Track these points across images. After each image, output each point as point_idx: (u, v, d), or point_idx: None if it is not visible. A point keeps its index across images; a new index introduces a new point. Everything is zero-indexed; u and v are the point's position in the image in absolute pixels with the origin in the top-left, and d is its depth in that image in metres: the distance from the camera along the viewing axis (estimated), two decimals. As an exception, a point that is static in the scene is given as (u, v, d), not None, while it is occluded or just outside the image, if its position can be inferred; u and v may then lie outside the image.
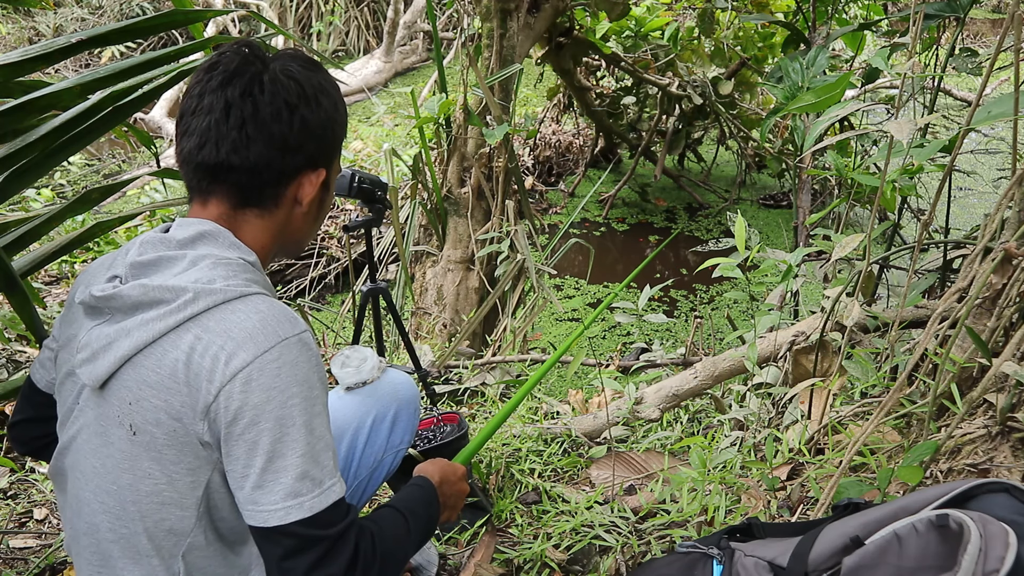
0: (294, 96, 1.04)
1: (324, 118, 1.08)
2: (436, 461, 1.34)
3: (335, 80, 1.12)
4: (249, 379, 0.94)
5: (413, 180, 3.71)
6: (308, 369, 0.98)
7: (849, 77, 1.96)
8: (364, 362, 1.45)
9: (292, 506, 0.94)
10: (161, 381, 0.96)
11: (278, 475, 0.94)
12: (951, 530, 1.04)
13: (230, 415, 0.94)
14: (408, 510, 1.14)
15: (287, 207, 1.10)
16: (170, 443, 0.97)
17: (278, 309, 1.00)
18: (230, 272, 1.00)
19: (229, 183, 1.05)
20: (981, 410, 1.68)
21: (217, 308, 0.97)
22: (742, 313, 4.52)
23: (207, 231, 1.04)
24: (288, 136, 1.04)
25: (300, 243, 1.18)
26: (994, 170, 6.14)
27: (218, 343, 0.95)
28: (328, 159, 1.12)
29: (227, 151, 1.02)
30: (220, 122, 1.02)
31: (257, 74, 1.03)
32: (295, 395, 0.96)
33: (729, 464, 1.90)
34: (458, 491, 1.33)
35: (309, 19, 10.22)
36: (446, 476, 1.30)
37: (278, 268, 4.99)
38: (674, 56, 5.45)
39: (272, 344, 0.95)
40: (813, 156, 3.70)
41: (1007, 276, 1.60)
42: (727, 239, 2.55)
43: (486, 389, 2.80)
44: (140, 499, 1.00)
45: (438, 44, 3.77)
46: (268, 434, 0.94)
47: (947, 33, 3.51)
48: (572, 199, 6.24)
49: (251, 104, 1.02)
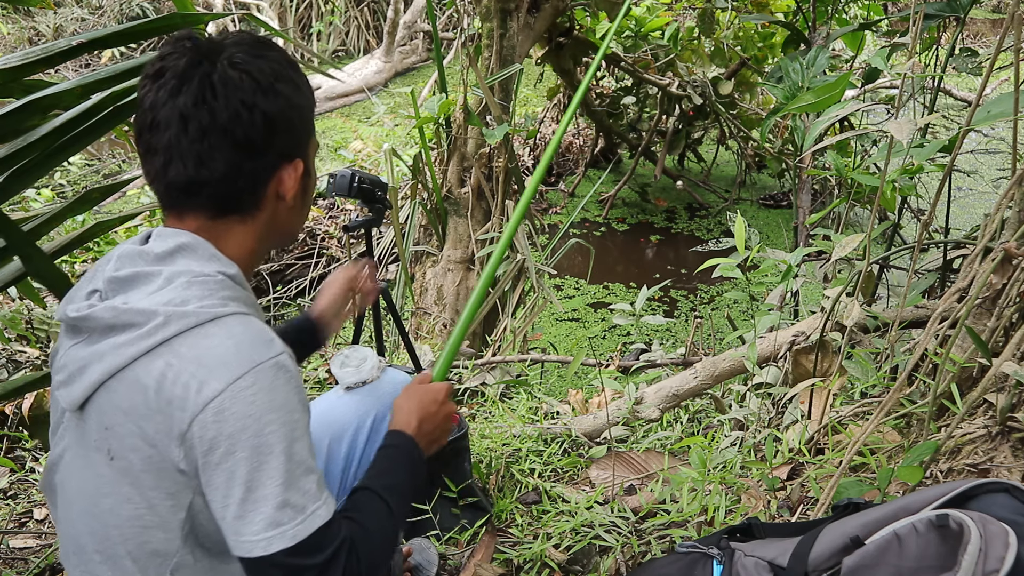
0: (249, 92, 0.98)
1: (286, 106, 1.02)
2: (412, 392, 1.24)
3: (290, 57, 1.06)
4: (222, 408, 0.91)
5: (413, 180, 3.71)
6: (286, 393, 0.95)
7: (849, 77, 1.96)
8: (364, 362, 1.44)
9: (274, 536, 0.92)
10: (134, 407, 0.93)
11: (258, 505, 0.92)
12: (951, 530, 1.04)
13: (205, 445, 0.91)
14: (387, 488, 1.09)
15: (270, 207, 1.06)
16: (147, 469, 0.95)
17: (253, 331, 0.96)
18: (205, 291, 0.97)
19: (204, 197, 1.01)
20: (981, 410, 1.68)
21: (189, 332, 0.93)
22: (742, 313, 4.52)
23: (186, 243, 1.00)
24: (253, 136, 0.99)
25: (291, 234, 1.15)
26: (994, 170, 6.14)
27: (189, 370, 0.92)
28: (302, 147, 1.08)
29: (194, 166, 0.98)
30: (179, 136, 0.97)
31: (206, 75, 0.97)
32: (272, 422, 0.92)
33: (729, 464, 1.90)
34: (443, 418, 1.23)
35: (309, 19, 10.22)
36: (426, 411, 1.21)
37: (278, 268, 4.99)
38: (674, 56, 5.45)
39: (245, 370, 0.92)
40: (813, 156, 3.70)
41: (1007, 276, 1.60)
42: (727, 239, 2.55)
43: (486, 389, 2.80)
44: (121, 523, 0.97)
45: (438, 44, 3.77)
46: (245, 464, 0.91)
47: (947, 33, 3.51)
48: (572, 199, 6.24)
49: (207, 112, 0.96)
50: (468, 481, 1.82)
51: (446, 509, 1.81)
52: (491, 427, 2.28)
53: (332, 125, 7.85)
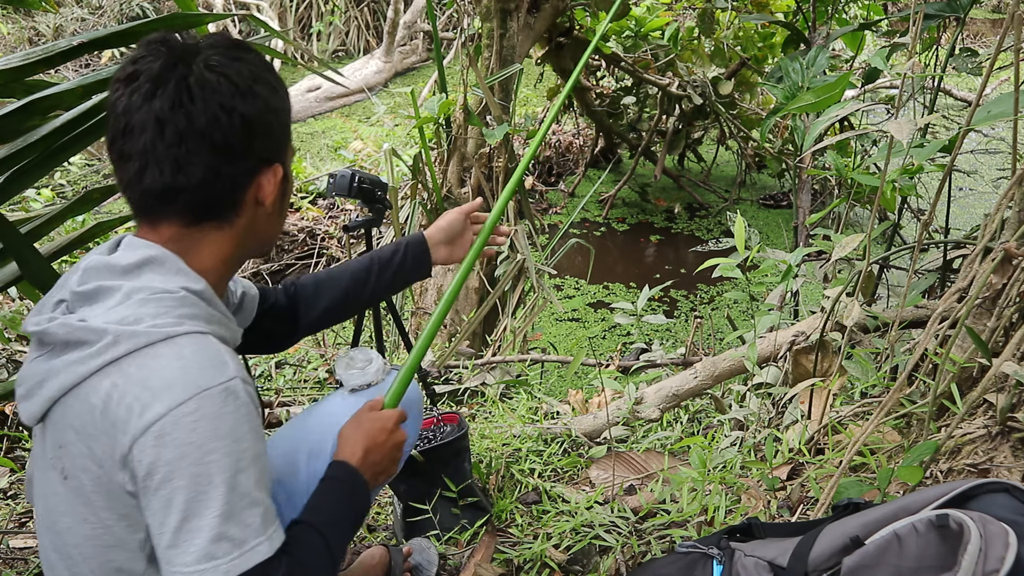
0: (227, 95, 0.96)
1: (265, 109, 1.00)
2: (361, 420, 1.19)
3: (266, 60, 1.03)
4: (162, 433, 0.88)
5: (413, 180, 3.71)
6: (233, 422, 0.91)
7: (849, 77, 1.96)
8: (369, 364, 1.44)
9: (207, 569, 0.88)
10: (84, 427, 0.91)
11: (192, 535, 0.88)
12: (951, 530, 1.04)
13: (143, 469, 0.89)
14: (326, 523, 1.06)
15: (249, 212, 1.03)
16: (97, 490, 0.93)
17: (205, 354, 0.93)
18: (161, 308, 0.93)
19: (180, 204, 0.98)
20: (981, 410, 1.68)
21: (138, 352, 0.91)
22: (742, 313, 4.52)
23: (153, 257, 0.97)
24: (232, 140, 0.97)
25: (269, 242, 1.13)
26: (994, 170, 6.14)
27: (134, 392, 0.89)
28: (281, 151, 1.05)
29: (171, 172, 0.95)
30: (155, 141, 0.94)
31: (182, 78, 0.94)
32: (214, 451, 0.89)
33: (729, 464, 1.90)
34: (391, 448, 1.19)
35: (309, 19, 10.22)
36: (373, 441, 1.16)
37: (278, 268, 4.99)
38: (674, 56, 5.45)
39: (189, 395, 0.89)
40: (813, 156, 3.70)
41: (1007, 276, 1.60)
42: (727, 239, 2.55)
43: (486, 389, 2.80)
44: (81, 543, 0.96)
45: (438, 44, 3.77)
46: (183, 492, 0.88)
47: (947, 33, 3.51)
48: (572, 199, 6.24)
49: (184, 115, 0.94)
50: (468, 481, 1.82)
51: (446, 509, 1.81)
52: (491, 427, 2.28)
53: (332, 125, 7.85)
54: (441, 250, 1.47)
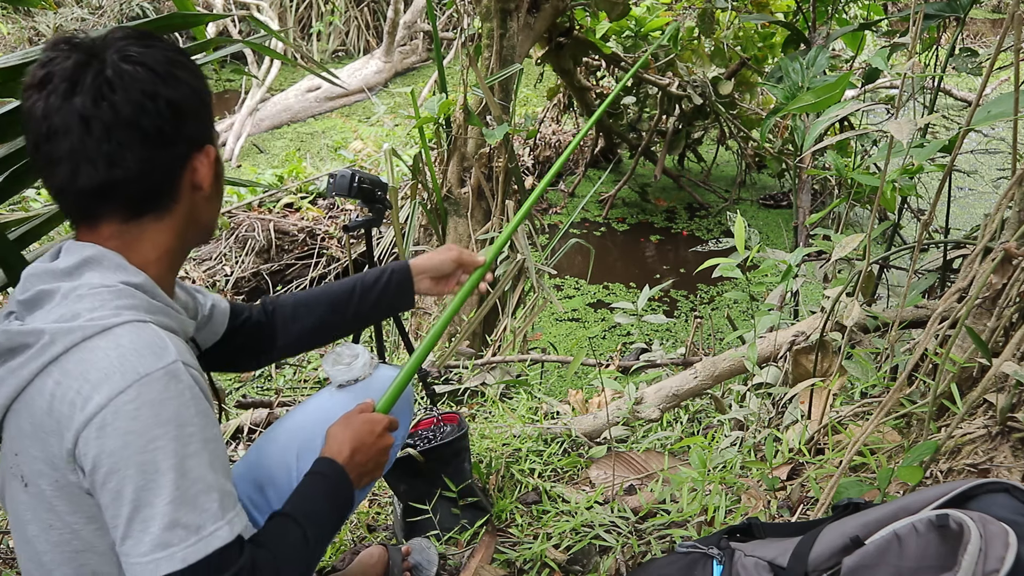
0: (148, 82, 0.94)
1: (189, 92, 0.98)
2: (351, 420, 1.19)
3: (177, 45, 1.02)
4: (104, 424, 0.86)
5: (413, 180, 3.71)
6: (176, 406, 0.89)
7: (849, 77, 1.96)
8: (356, 359, 1.43)
9: (161, 558, 0.87)
10: (34, 431, 0.90)
11: (145, 524, 0.87)
12: (951, 530, 1.04)
13: (89, 463, 0.88)
14: (306, 515, 1.05)
15: (187, 199, 1.02)
16: (59, 494, 0.92)
17: (143, 340, 0.91)
18: (97, 302, 0.92)
19: (118, 199, 0.96)
20: (981, 410, 1.68)
21: (76, 348, 0.89)
22: (742, 313, 4.52)
23: (91, 256, 0.96)
24: (162, 126, 0.95)
25: (210, 227, 1.10)
26: (994, 170, 6.14)
27: (75, 387, 0.88)
28: (209, 133, 1.03)
29: (105, 167, 0.93)
30: (83, 139, 0.92)
31: (99, 72, 0.92)
32: (159, 437, 0.88)
33: (729, 464, 1.90)
34: (378, 451, 1.19)
35: (309, 19, 10.22)
36: (360, 441, 1.16)
37: (278, 268, 4.99)
38: (674, 56, 5.45)
39: (128, 383, 0.87)
40: (813, 156, 3.70)
41: (1007, 276, 1.60)
42: (727, 239, 2.55)
43: (486, 389, 2.80)
44: (51, 549, 0.95)
45: (438, 44, 3.77)
46: (131, 482, 0.87)
47: (947, 33, 3.51)
48: (572, 199, 6.24)
49: (108, 108, 0.92)
50: (468, 481, 1.82)
51: (446, 509, 1.81)
52: (491, 427, 2.28)
53: (332, 125, 7.85)
54: (425, 282, 1.43)
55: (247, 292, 4.81)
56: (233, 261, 4.83)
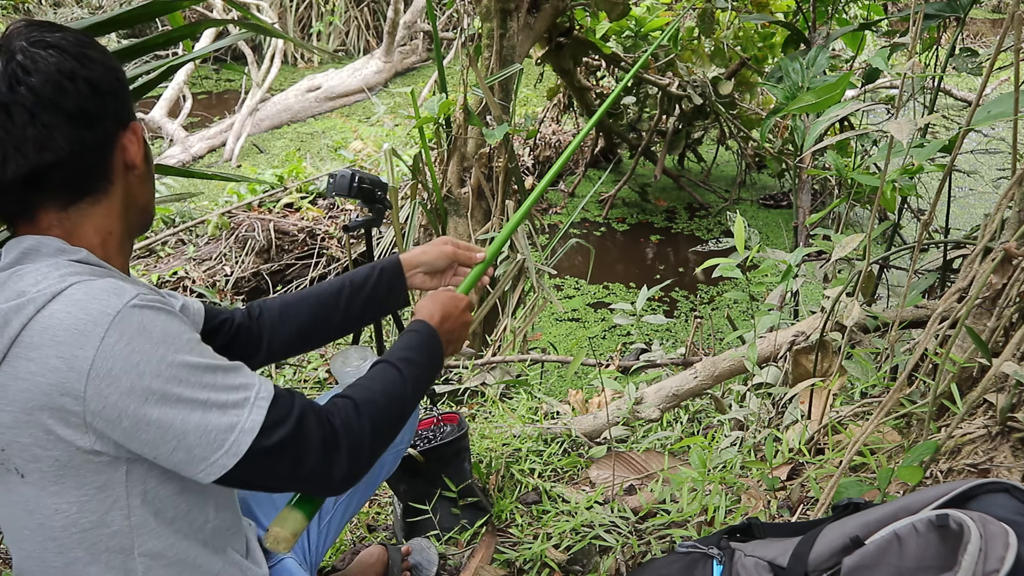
0: (64, 63, 0.92)
1: (105, 71, 0.97)
2: (436, 295, 1.27)
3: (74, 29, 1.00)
4: (101, 375, 0.86)
5: (413, 180, 3.71)
6: (161, 325, 0.90)
7: (849, 77, 1.96)
8: (364, 361, 1.44)
9: (235, 439, 0.90)
10: (16, 418, 0.88)
11: (200, 434, 0.89)
12: (951, 530, 1.04)
13: (108, 415, 0.87)
14: (402, 359, 1.11)
15: (121, 179, 1.01)
16: (63, 473, 0.91)
17: (96, 288, 0.89)
18: (39, 276, 0.90)
19: (52, 185, 0.94)
20: (981, 410, 1.68)
21: (33, 320, 0.87)
22: (742, 313, 4.52)
23: (28, 247, 0.94)
24: (85, 105, 0.94)
25: (148, 210, 1.09)
26: (994, 170, 6.14)
27: (53, 354, 0.86)
28: (130, 110, 1.02)
29: (35, 151, 0.91)
30: (6, 127, 0.90)
31: (9, 59, 0.91)
32: (164, 356, 0.88)
33: (729, 464, 1.90)
34: (462, 323, 1.27)
35: (309, 19, 10.22)
36: (447, 312, 1.24)
37: (278, 268, 4.98)
38: (674, 56, 5.45)
39: (106, 327, 0.86)
40: (813, 156, 3.70)
41: (1007, 276, 1.60)
42: (727, 239, 2.55)
43: (486, 389, 2.80)
44: (57, 535, 0.94)
45: (438, 44, 3.77)
46: (160, 410, 0.88)
47: (947, 33, 3.51)
48: (572, 199, 6.24)
49: (27, 91, 0.90)
50: (468, 481, 1.82)
51: (446, 509, 1.81)
52: (491, 427, 2.28)
53: (332, 125, 7.85)
54: (418, 277, 1.41)
55: (247, 292, 4.81)
56: (233, 261, 4.83)
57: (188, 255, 4.79)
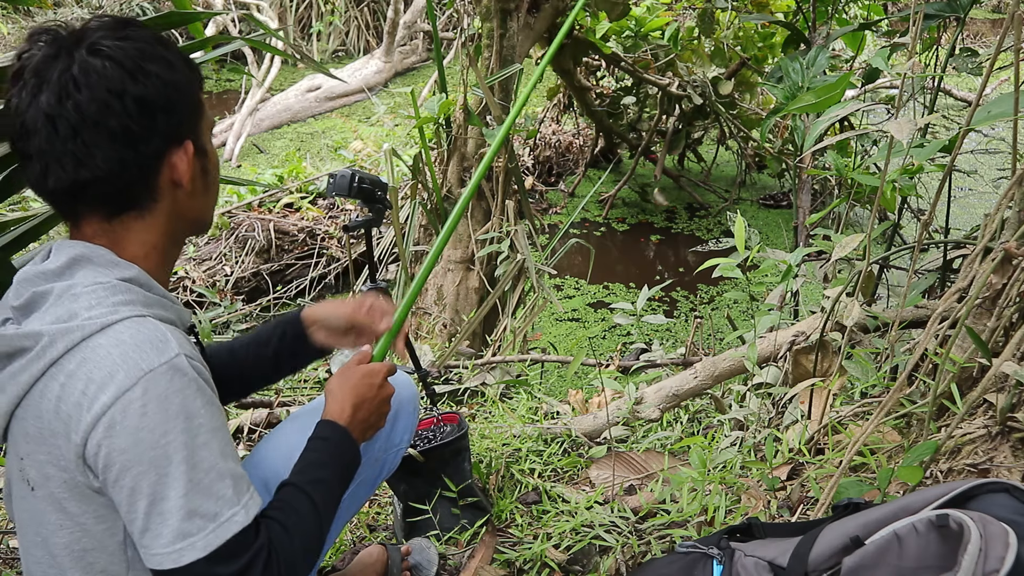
0: (115, 79, 0.91)
1: (160, 86, 0.94)
2: (348, 375, 1.16)
3: (160, 36, 0.98)
4: (112, 423, 0.87)
5: (413, 180, 3.71)
6: (183, 399, 0.90)
7: (849, 77, 1.96)
8: None
9: (184, 548, 0.88)
10: (40, 434, 0.90)
11: (164, 518, 0.88)
12: (951, 530, 1.04)
13: (101, 462, 0.88)
14: (313, 482, 1.05)
15: (168, 196, 0.99)
16: (70, 495, 0.92)
17: (144, 335, 0.90)
18: (94, 300, 0.91)
19: (91, 198, 0.95)
20: (981, 410, 1.68)
21: (77, 348, 0.89)
22: (742, 313, 4.52)
23: (80, 255, 0.95)
24: (129, 125, 0.92)
25: (201, 222, 1.08)
26: (994, 170, 6.14)
27: (80, 388, 0.88)
28: (190, 125, 1.00)
29: (73, 167, 0.91)
30: (51, 139, 0.90)
31: (65, 69, 0.90)
32: (169, 431, 0.88)
33: (729, 464, 1.90)
34: (379, 402, 1.17)
35: (309, 19, 10.22)
36: (360, 396, 1.14)
37: (278, 268, 4.99)
38: (674, 56, 5.45)
39: (134, 381, 0.87)
40: (813, 156, 3.70)
41: (1007, 276, 1.60)
42: (727, 239, 2.55)
43: (486, 389, 2.80)
44: (60, 552, 0.95)
45: (438, 44, 3.77)
46: (145, 478, 0.88)
47: (947, 33, 3.51)
48: (572, 199, 6.24)
49: (72, 107, 0.90)
50: (468, 481, 1.82)
51: (446, 509, 1.81)
52: (491, 427, 2.28)
53: (332, 125, 7.85)
54: (320, 333, 1.33)
55: (247, 292, 4.81)
56: (233, 261, 4.83)
57: (188, 255, 4.80)
